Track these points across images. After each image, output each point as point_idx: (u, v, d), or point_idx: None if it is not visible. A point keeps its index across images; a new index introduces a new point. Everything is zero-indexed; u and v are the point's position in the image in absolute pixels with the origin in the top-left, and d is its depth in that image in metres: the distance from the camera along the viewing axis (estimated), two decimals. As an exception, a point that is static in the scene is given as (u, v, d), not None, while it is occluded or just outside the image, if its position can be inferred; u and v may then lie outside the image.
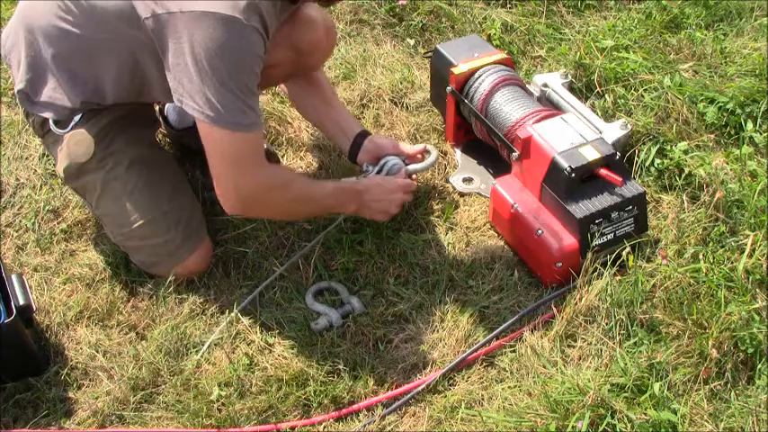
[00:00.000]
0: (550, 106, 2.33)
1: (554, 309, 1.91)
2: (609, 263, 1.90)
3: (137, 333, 1.92)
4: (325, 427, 1.73)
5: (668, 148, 2.24)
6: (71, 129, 1.92)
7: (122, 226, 1.96)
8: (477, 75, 2.28)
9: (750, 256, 1.91)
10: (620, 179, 1.96)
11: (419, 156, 2.21)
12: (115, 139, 1.95)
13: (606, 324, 1.83)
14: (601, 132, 2.13)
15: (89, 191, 1.98)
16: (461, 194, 2.28)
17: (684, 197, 2.14)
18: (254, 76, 1.72)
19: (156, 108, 2.29)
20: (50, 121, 1.94)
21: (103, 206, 1.97)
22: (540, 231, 1.96)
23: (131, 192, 1.94)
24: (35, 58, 1.89)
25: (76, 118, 1.92)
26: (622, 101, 2.39)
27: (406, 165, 2.16)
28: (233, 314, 1.93)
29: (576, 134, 2.01)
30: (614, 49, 2.54)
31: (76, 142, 1.92)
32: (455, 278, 2.02)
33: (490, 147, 2.32)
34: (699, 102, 2.35)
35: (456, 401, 1.75)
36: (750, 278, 1.88)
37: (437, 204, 2.23)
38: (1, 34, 2.01)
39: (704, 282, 1.87)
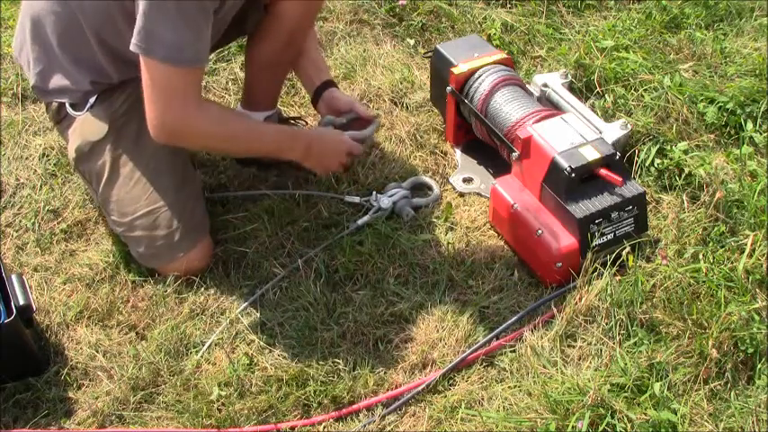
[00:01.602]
0: (550, 106, 2.33)
1: (554, 309, 1.91)
2: (609, 263, 1.90)
3: (137, 333, 1.92)
4: (325, 427, 1.73)
5: (668, 148, 2.24)
6: (86, 110, 1.97)
7: (125, 214, 1.96)
8: (477, 75, 2.28)
9: (750, 256, 1.91)
10: (620, 179, 1.96)
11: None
12: (128, 125, 1.97)
13: (606, 324, 1.83)
14: (601, 132, 2.13)
15: (97, 175, 1.99)
16: (461, 194, 2.28)
17: (684, 197, 2.14)
18: (203, 12, 1.73)
19: None
20: (67, 105, 1.98)
21: (109, 192, 1.98)
22: (539, 231, 1.96)
23: (139, 179, 1.96)
24: (42, 50, 1.95)
25: (91, 100, 1.97)
26: (622, 101, 2.39)
27: (411, 198, 2.21)
28: (234, 314, 1.93)
29: (576, 134, 2.01)
30: (614, 49, 2.54)
31: (91, 122, 1.97)
32: (455, 278, 2.02)
33: (490, 147, 2.32)
34: (699, 102, 2.35)
35: (456, 401, 1.75)
36: (750, 278, 1.88)
37: (437, 204, 2.23)
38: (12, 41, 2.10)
39: (704, 282, 1.87)
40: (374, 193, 2.19)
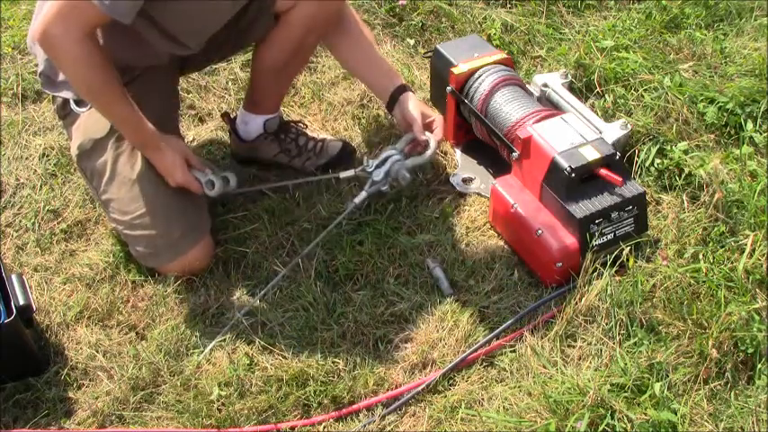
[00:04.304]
0: (550, 106, 2.33)
1: (554, 309, 1.91)
2: (609, 263, 1.90)
3: (137, 333, 1.92)
4: (325, 427, 1.73)
5: (668, 148, 2.24)
6: (90, 107, 1.97)
7: (126, 213, 1.97)
8: (477, 75, 2.28)
9: (750, 256, 1.91)
10: (620, 179, 1.96)
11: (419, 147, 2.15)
12: None
13: (606, 324, 1.83)
14: (601, 132, 2.13)
15: (98, 173, 1.99)
16: (461, 194, 2.28)
17: (684, 197, 2.14)
18: None
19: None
20: (71, 101, 1.99)
21: (111, 190, 1.98)
22: (539, 231, 1.96)
23: (141, 177, 1.96)
24: None
25: None
26: (622, 101, 2.39)
27: (405, 159, 2.08)
28: (236, 317, 1.92)
29: (576, 134, 2.01)
30: (614, 49, 2.54)
31: (94, 119, 1.97)
32: (455, 278, 2.02)
33: (490, 147, 2.32)
34: (699, 102, 2.35)
35: (456, 401, 1.75)
36: (750, 278, 1.88)
37: (437, 204, 2.23)
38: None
39: (704, 282, 1.87)
40: (365, 158, 2.11)
